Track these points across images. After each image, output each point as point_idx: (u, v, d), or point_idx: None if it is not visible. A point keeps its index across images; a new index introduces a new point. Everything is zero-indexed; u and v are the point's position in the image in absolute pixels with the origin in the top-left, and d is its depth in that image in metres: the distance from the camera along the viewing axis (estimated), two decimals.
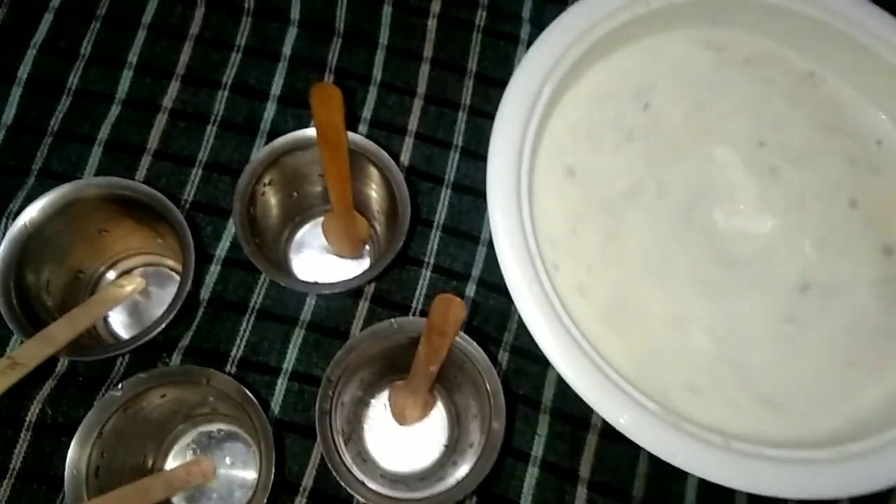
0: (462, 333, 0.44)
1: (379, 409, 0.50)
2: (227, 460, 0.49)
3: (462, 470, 0.45)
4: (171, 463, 0.49)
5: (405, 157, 0.56)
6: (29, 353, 0.41)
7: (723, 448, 0.41)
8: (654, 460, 0.43)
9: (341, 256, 0.54)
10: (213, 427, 0.49)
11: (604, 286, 0.46)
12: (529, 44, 0.57)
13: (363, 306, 0.52)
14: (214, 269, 0.52)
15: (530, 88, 0.46)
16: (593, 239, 0.47)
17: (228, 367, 0.50)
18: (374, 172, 0.49)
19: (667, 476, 0.49)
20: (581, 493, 0.49)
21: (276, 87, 0.57)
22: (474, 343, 0.44)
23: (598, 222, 0.48)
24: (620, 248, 0.47)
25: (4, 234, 0.50)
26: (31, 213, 0.45)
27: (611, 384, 0.41)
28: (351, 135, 0.47)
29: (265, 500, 0.41)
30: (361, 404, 0.50)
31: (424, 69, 0.58)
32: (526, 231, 0.43)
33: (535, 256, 0.43)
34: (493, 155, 0.45)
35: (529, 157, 0.45)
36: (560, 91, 0.48)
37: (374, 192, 0.51)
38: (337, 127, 0.44)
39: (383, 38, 0.59)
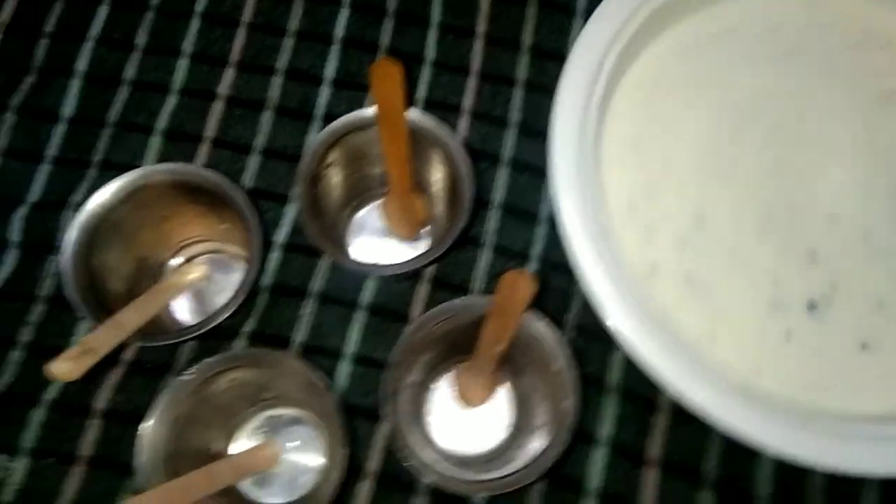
0: (529, 311, 0.43)
1: (443, 391, 0.50)
2: (292, 445, 0.49)
3: (530, 451, 0.44)
4: (236, 447, 0.49)
5: (461, 136, 0.55)
6: (101, 339, 0.41)
7: (804, 426, 0.39)
8: (726, 439, 0.42)
9: (399, 239, 0.53)
10: (278, 411, 0.49)
11: (678, 259, 0.45)
12: (586, 14, 0.56)
13: (422, 289, 0.52)
14: (274, 255, 0.52)
15: (592, 60, 0.45)
16: (661, 212, 0.46)
17: (291, 351, 0.50)
18: (433, 151, 0.48)
19: (740, 455, 0.48)
20: (651, 473, 0.48)
21: (330, 71, 0.56)
22: (542, 321, 0.43)
23: (669, 194, 0.46)
24: (693, 221, 0.46)
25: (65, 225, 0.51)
26: (102, 196, 0.46)
27: (685, 362, 0.40)
28: (410, 112, 0.47)
29: (338, 484, 0.41)
30: (424, 387, 0.49)
31: (478, 45, 0.57)
32: (594, 206, 0.42)
33: (603, 232, 0.42)
34: (555, 129, 0.44)
35: (594, 130, 0.44)
36: (624, 61, 0.46)
37: (433, 172, 0.50)
38: (396, 105, 0.44)
39: (435, 16, 0.58)
